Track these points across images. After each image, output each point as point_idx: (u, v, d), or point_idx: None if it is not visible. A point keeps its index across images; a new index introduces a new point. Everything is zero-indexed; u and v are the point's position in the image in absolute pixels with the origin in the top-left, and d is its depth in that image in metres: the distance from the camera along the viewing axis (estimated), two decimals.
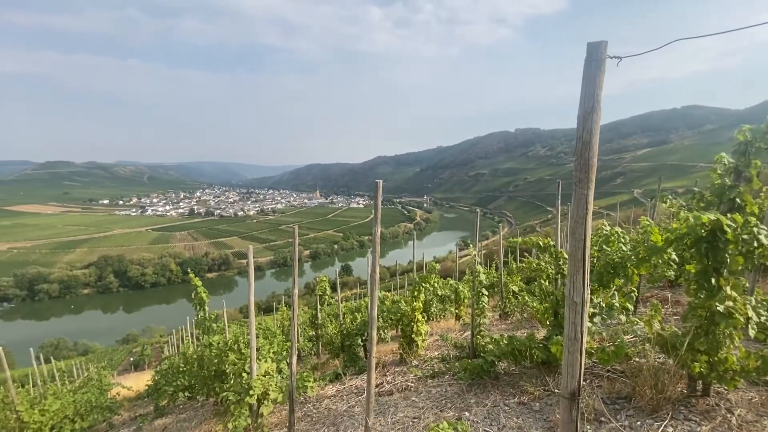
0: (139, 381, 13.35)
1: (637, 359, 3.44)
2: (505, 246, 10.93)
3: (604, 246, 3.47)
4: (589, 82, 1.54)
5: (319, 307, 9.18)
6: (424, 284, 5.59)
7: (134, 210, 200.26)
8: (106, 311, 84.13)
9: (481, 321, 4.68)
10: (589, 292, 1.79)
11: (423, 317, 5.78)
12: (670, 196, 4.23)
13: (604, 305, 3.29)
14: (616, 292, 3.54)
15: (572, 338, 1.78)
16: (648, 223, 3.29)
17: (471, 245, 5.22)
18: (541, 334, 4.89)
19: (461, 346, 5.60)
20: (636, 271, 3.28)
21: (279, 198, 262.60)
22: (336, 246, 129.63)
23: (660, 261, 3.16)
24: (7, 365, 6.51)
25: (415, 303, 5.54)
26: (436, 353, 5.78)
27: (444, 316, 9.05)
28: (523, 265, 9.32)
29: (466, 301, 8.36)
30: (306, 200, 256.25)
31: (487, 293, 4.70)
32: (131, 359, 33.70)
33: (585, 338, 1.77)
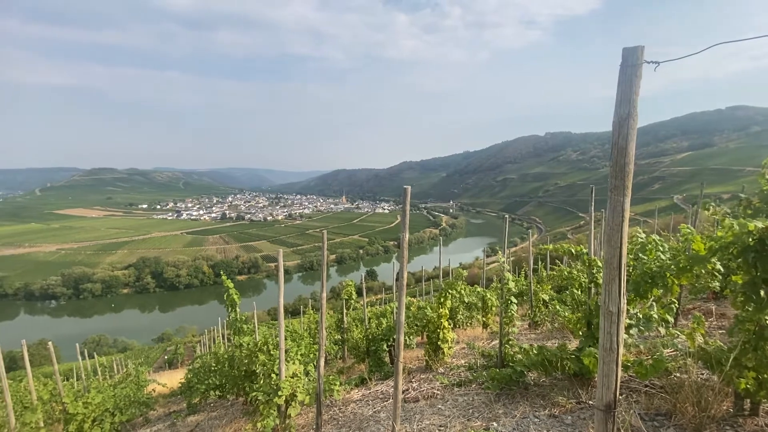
0: (173, 378, 13.90)
1: (677, 374, 3.26)
2: (535, 253, 10.66)
3: (640, 254, 3.33)
4: (625, 87, 1.50)
5: (345, 311, 9.26)
6: (450, 291, 5.53)
7: (170, 214, 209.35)
8: (144, 310, 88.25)
9: (510, 330, 4.58)
10: (626, 301, 1.72)
11: (449, 324, 5.71)
12: (713, 203, 4.00)
13: (641, 316, 3.15)
14: (654, 303, 3.38)
15: (608, 348, 1.72)
16: (689, 230, 3.13)
17: (499, 252, 5.11)
18: (573, 344, 4.72)
19: (489, 355, 5.50)
20: (676, 282, 3.12)
21: (306, 203, 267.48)
22: (361, 251, 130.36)
23: (703, 271, 2.99)
24: (55, 359, 6.98)
25: (441, 309, 5.49)
26: (463, 361, 5.69)
27: (471, 323, 8.90)
28: (554, 273, 9.06)
29: (493, 309, 8.19)
30: (332, 205, 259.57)
31: (516, 301, 4.60)
32: (165, 357, 35.09)
33: (621, 349, 1.71)
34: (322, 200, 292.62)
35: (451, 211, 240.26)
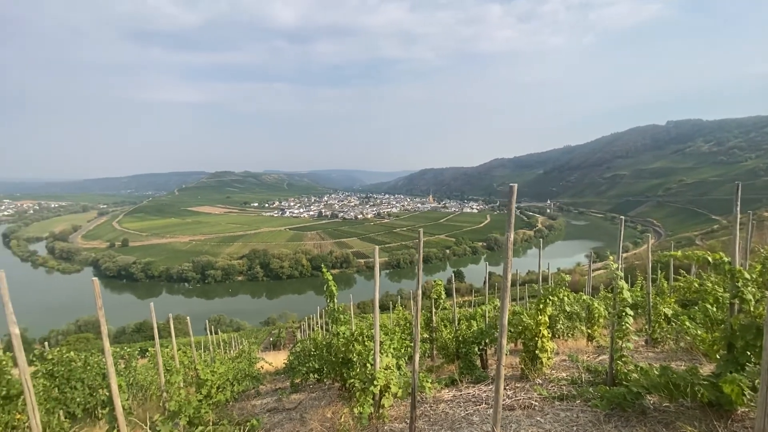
0: (277, 359, 15.48)
1: None
2: (653, 260, 9.31)
3: None
4: None
5: (433, 310, 9.26)
6: (551, 297, 5.15)
7: (276, 212, 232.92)
8: (254, 296, 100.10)
9: (624, 345, 4.09)
10: None
11: (548, 333, 5.33)
12: None
13: None
14: None
15: None
16: None
17: (610, 257, 4.57)
18: (706, 368, 4.03)
19: (595, 370, 5.00)
20: None
21: (394, 202, 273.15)
22: (448, 251, 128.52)
23: None
24: (192, 332, 8.33)
25: (540, 317, 5.15)
26: (564, 374, 5.26)
27: (572, 334, 8.15)
28: (680, 284, 7.82)
29: (601, 320, 7.36)
30: (419, 204, 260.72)
31: (631, 313, 4.08)
32: (270, 339, 39.21)
33: None
34: (409, 200, 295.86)
35: (548, 211, 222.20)
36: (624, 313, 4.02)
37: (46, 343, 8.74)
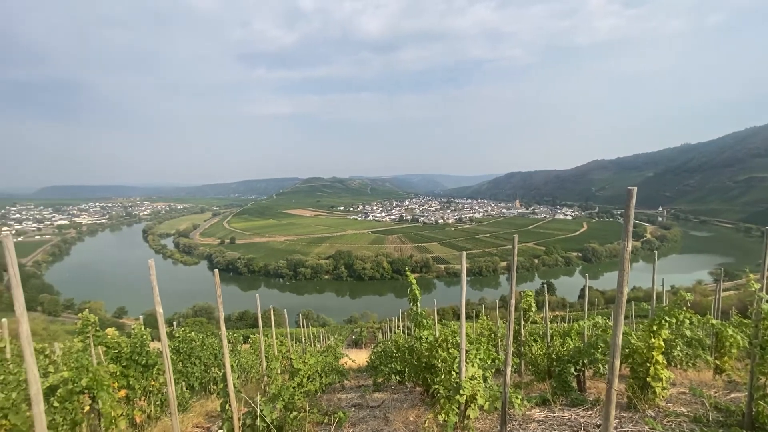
0: (359, 356, 16.06)
1: None
2: None
3: None
4: None
5: (522, 323, 8.72)
6: (667, 318, 4.48)
7: (360, 215, 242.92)
8: (338, 294, 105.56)
9: None
10: None
11: (663, 359, 4.64)
12: None
13: None
14: None
15: None
16: None
17: (750, 275, 3.81)
18: None
19: (727, 409, 4.23)
20: None
21: (477, 207, 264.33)
22: (536, 260, 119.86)
23: None
24: (288, 324, 9.10)
25: (653, 339, 4.51)
26: (684, 409, 4.53)
27: (694, 364, 6.96)
28: None
29: (734, 350, 6.17)
30: (504, 210, 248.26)
31: None
32: (353, 337, 40.84)
33: None
34: (493, 204, 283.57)
35: (660, 219, 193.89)
36: None
37: (174, 324, 10.37)
